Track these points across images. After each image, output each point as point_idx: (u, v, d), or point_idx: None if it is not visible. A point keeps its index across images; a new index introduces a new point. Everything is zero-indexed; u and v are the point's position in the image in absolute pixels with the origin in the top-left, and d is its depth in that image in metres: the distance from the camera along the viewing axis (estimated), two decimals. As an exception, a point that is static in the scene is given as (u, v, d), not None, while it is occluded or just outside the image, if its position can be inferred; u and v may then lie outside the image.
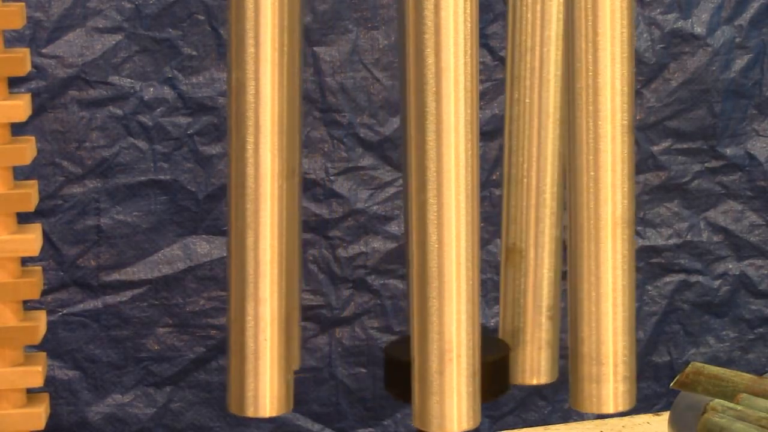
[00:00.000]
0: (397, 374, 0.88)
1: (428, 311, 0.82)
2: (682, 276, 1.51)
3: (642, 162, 1.47)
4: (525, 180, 0.93)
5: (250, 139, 0.83)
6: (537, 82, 0.91)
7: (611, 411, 0.87)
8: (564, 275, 0.91)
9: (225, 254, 1.39)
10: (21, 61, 0.94)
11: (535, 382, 0.95)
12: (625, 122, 0.84)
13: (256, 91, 0.83)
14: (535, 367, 0.94)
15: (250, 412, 0.86)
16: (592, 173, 0.84)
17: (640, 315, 1.50)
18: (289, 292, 0.85)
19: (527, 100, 0.92)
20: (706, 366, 0.98)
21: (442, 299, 0.82)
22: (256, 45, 0.82)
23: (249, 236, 0.84)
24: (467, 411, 0.83)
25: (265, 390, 0.85)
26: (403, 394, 0.86)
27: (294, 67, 0.84)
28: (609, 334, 0.86)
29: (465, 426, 0.83)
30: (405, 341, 0.88)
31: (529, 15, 0.91)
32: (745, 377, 0.97)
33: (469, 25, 0.80)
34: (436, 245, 0.81)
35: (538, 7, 0.91)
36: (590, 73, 0.84)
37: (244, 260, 0.84)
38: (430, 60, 0.80)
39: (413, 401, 0.84)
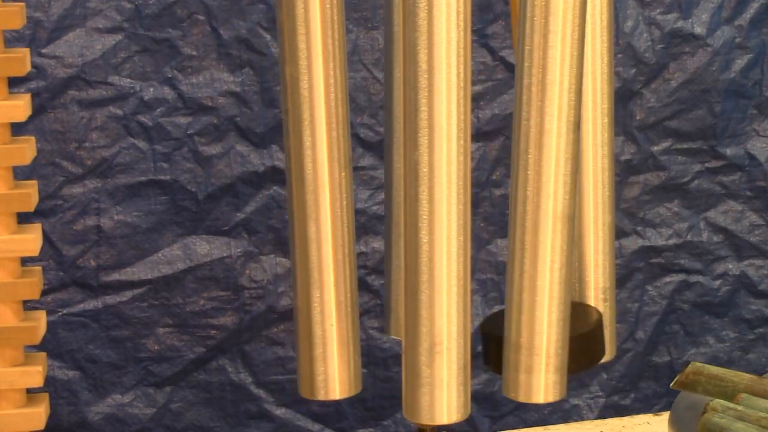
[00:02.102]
0: (492, 348, 0.90)
1: (418, 304, 0.83)
2: (682, 276, 1.51)
3: (642, 162, 1.48)
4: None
5: (307, 132, 0.84)
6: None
7: (541, 401, 0.88)
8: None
9: (225, 254, 1.39)
10: (21, 61, 0.94)
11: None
12: (571, 119, 0.84)
13: (309, 85, 0.84)
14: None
15: (320, 395, 0.87)
16: (535, 168, 0.85)
17: (640, 315, 1.50)
18: (351, 277, 0.87)
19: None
20: (706, 366, 0.98)
21: (432, 292, 0.83)
22: (308, 40, 0.84)
23: (311, 226, 0.85)
24: (456, 403, 0.84)
25: (334, 374, 0.87)
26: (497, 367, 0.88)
27: (343, 60, 0.85)
28: (543, 326, 0.86)
29: (454, 417, 0.84)
30: (499, 316, 0.89)
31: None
32: (745, 377, 0.97)
33: (462, 23, 0.81)
34: (427, 239, 0.82)
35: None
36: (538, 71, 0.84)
37: (308, 250, 0.85)
38: (423, 58, 0.81)
39: (402, 393, 0.85)
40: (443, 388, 0.84)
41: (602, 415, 1.49)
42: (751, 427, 0.90)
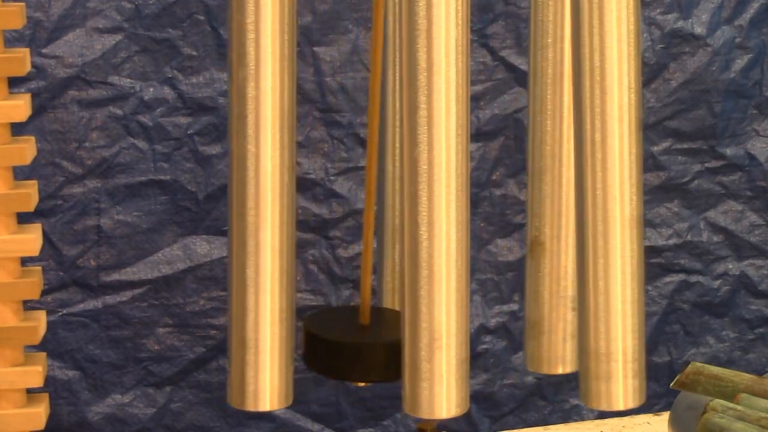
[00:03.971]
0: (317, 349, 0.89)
1: (418, 300, 0.83)
2: (682, 276, 1.51)
3: (642, 162, 1.47)
4: (548, 174, 0.94)
5: (251, 134, 0.84)
6: (558, 78, 0.92)
7: (621, 408, 0.88)
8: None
9: (225, 254, 1.39)
10: (21, 61, 0.94)
11: (560, 371, 0.96)
12: (633, 120, 0.85)
13: (256, 89, 0.84)
14: (559, 356, 0.95)
15: (249, 406, 0.87)
16: (600, 172, 0.85)
17: (640, 315, 1.50)
18: (289, 285, 0.86)
19: (549, 96, 0.93)
20: (706, 366, 0.98)
21: (432, 288, 0.83)
22: (257, 45, 0.83)
23: (249, 233, 0.85)
24: (456, 397, 0.85)
25: (266, 384, 0.86)
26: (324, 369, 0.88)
27: (292, 64, 0.85)
28: (619, 331, 0.86)
29: (453, 411, 0.85)
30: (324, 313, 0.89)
31: (550, 12, 0.92)
32: (745, 377, 0.97)
33: (461, 21, 0.81)
34: (426, 236, 0.83)
35: (559, 4, 0.92)
36: (597, 72, 0.84)
37: (245, 255, 0.85)
38: (422, 56, 0.81)
39: (403, 388, 0.86)
40: (443, 382, 0.84)
41: (602, 415, 1.49)
42: (751, 427, 0.90)
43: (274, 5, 0.83)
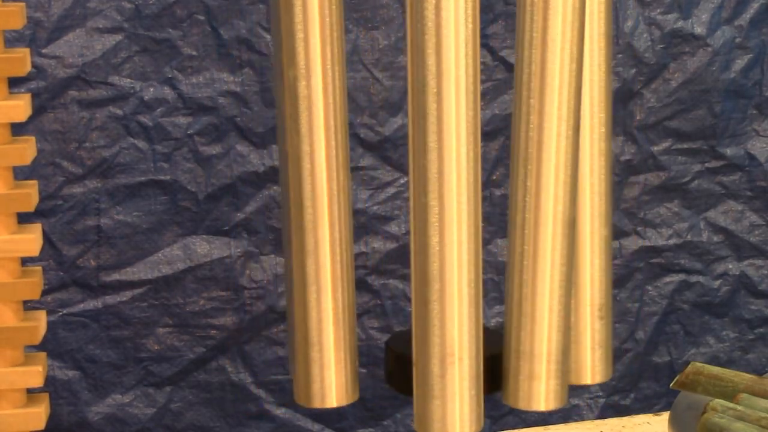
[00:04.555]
0: (400, 368, 0.88)
1: (430, 313, 0.81)
2: (682, 276, 1.51)
3: (642, 162, 1.48)
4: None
5: (305, 136, 0.83)
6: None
7: (542, 408, 0.87)
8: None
9: (225, 254, 1.39)
10: (21, 61, 0.94)
11: (589, 381, 0.94)
12: (572, 122, 0.83)
13: (308, 88, 0.83)
14: (589, 366, 0.94)
15: (317, 403, 0.86)
16: (534, 170, 0.84)
17: (640, 315, 1.50)
18: (349, 282, 0.85)
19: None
20: (706, 366, 0.98)
21: (443, 301, 0.81)
22: (306, 43, 0.83)
23: (308, 231, 0.84)
24: (470, 414, 0.82)
25: (331, 380, 0.85)
26: (405, 388, 0.86)
27: (342, 63, 0.85)
28: (544, 332, 0.85)
29: (467, 430, 0.82)
30: (405, 335, 0.88)
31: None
32: (745, 377, 0.97)
33: (470, 25, 0.81)
34: (438, 247, 0.81)
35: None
36: (537, 72, 0.83)
37: (305, 254, 0.84)
38: (431, 61, 0.80)
39: (414, 405, 0.84)
40: (455, 400, 0.82)
41: (602, 415, 1.49)
42: (751, 427, 0.90)
43: (321, 5, 0.83)
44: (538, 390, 0.85)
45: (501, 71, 1.43)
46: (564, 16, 0.82)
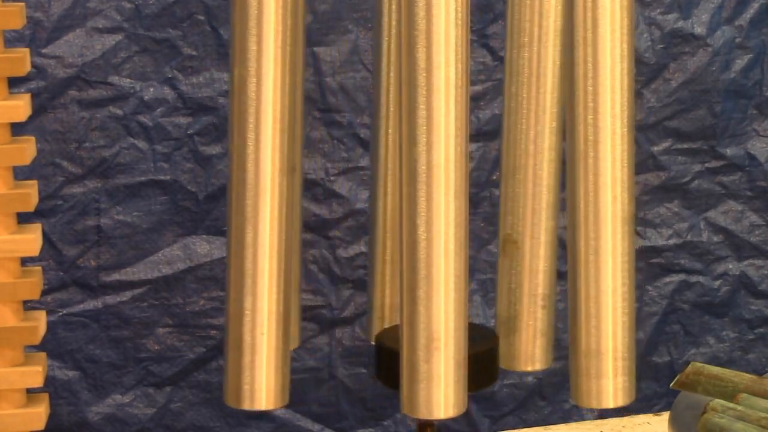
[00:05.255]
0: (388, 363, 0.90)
1: (416, 300, 0.83)
2: (682, 276, 1.51)
3: (642, 162, 1.48)
4: (521, 172, 0.94)
5: (251, 135, 0.84)
6: (534, 77, 0.92)
7: (611, 405, 0.88)
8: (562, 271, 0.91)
9: (225, 254, 1.39)
10: (21, 61, 0.94)
11: (530, 368, 0.96)
12: (626, 119, 0.85)
13: (257, 88, 0.84)
14: (529, 353, 0.96)
15: (246, 405, 0.87)
16: (591, 169, 0.85)
17: (640, 315, 1.50)
18: (286, 286, 0.86)
19: (524, 95, 0.93)
20: (706, 366, 0.98)
21: (430, 289, 0.83)
22: (259, 42, 0.83)
23: (248, 232, 0.85)
24: (454, 398, 0.85)
25: (261, 383, 0.86)
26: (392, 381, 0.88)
27: (296, 64, 0.85)
28: (609, 329, 0.86)
29: (451, 412, 0.85)
30: (395, 330, 0.89)
31: (527, 11, 0.92)
32: (745, 377, 0.97)
33: (460, 21, 0.81)
34: (425, 236, 0.82)
35: (537, 3, 0.92)
36: (590, 72, 0.84)
37: (243, 255, 0.85)
38: (421, 56, 0.81)
39: (401, 388, 0.85)
40: (440, 384, 0.84)
41: (602, 415, 1.49)
42: (751, 427, 0.90)
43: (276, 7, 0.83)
44: (606, 388, 0.87)
45: (501, 71, 1.43)
46: (612, 13, 0.83)
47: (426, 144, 0.81)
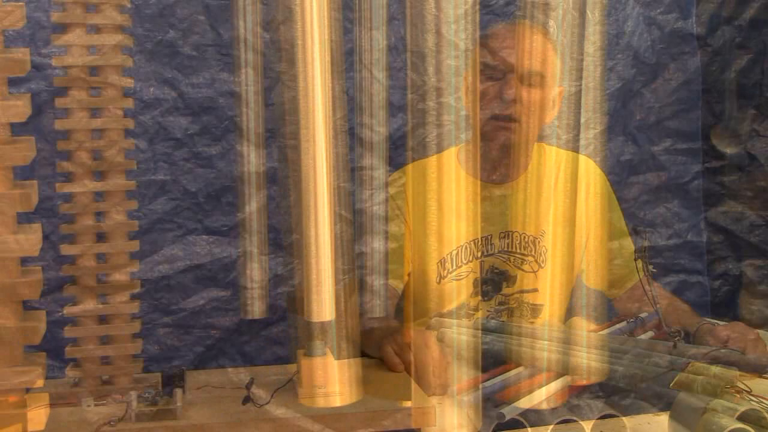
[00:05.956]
0: None
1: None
2: (682, 276, 1.51)
3: (642, 162, 1.47)
4: None
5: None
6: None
7: None
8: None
9: (225, 254, 1.39)
10: (21, 61, 0.94)
11: None
12: None
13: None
14: None
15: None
16: None
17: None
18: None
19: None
20: (706, 366, 0.98)
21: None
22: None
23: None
24: None
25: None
26: None
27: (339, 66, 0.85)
28: None
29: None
30: None
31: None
32: (744, 377, 0.97)
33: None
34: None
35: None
36: None
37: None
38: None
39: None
40: None
41: (602, 415, 1.49)
42: (751, 427, 0.90)
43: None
44: None
45: (501, 71, 1.42)
46: None
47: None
